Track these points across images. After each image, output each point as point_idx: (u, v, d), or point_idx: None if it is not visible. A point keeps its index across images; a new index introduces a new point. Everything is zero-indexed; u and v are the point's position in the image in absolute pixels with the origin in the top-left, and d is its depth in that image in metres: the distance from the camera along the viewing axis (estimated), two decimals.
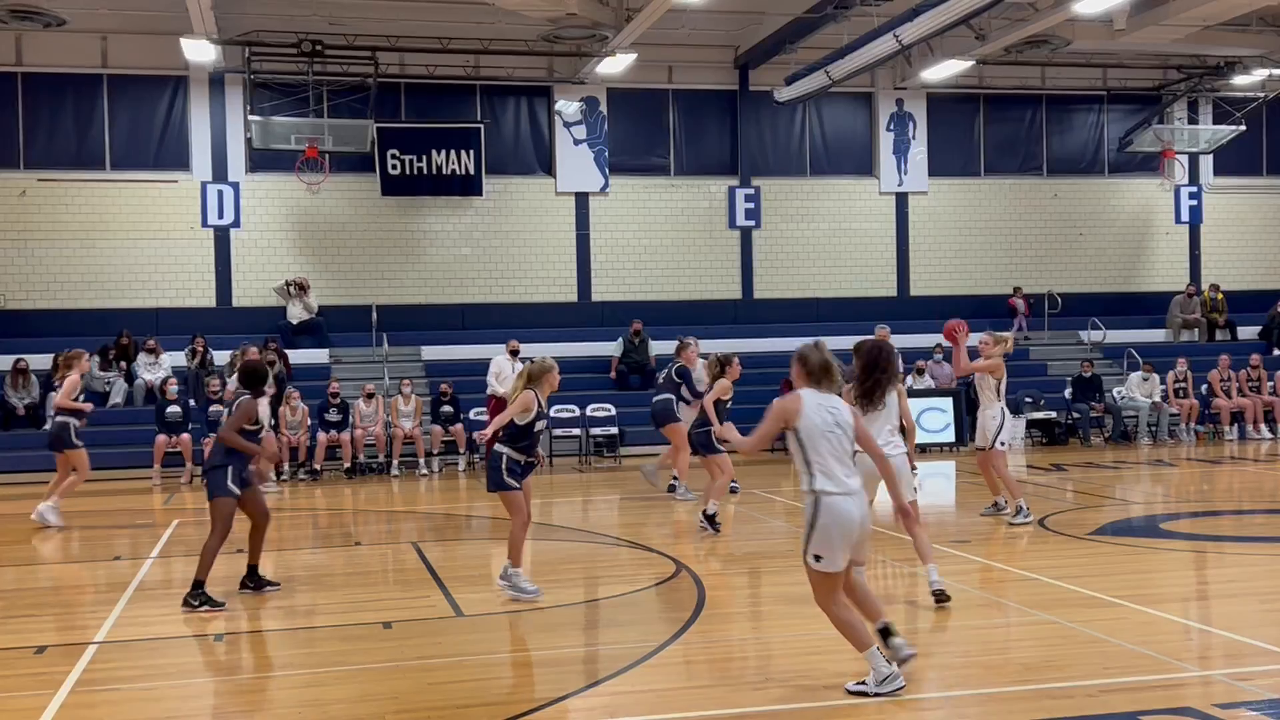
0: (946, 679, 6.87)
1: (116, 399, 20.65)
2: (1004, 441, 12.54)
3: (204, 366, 20.67)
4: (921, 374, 22.06)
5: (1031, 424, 22.11)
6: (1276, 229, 28.14)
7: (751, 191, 25.50)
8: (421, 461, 19.47)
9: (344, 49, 22.20)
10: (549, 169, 24.84)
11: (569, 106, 24.71)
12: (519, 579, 9.05)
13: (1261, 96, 26.73)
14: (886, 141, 26.17)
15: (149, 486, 18.20)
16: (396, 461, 19.49)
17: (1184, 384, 22.32)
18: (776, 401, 6.49)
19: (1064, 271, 26.94)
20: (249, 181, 23.42)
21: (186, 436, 18.73)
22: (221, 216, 23.21)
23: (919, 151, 26.29)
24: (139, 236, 22.94)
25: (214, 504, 9.19)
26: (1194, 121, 27.40)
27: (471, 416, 20.50)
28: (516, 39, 22.86)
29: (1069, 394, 22.31)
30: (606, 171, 24.86)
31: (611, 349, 22.90)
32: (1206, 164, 27.82)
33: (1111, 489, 16.04)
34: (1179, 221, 27.69)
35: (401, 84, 23.93)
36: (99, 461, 19.13)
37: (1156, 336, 26.02)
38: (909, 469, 8.60)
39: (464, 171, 23.98)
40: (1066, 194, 27.16)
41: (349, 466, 19.18)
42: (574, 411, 20.73)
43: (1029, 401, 22.08)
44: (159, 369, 20.86)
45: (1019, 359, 24.82)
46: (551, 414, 17.29)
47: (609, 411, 20.97)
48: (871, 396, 8.00)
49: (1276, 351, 25.08)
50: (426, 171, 23.85)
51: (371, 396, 19.57)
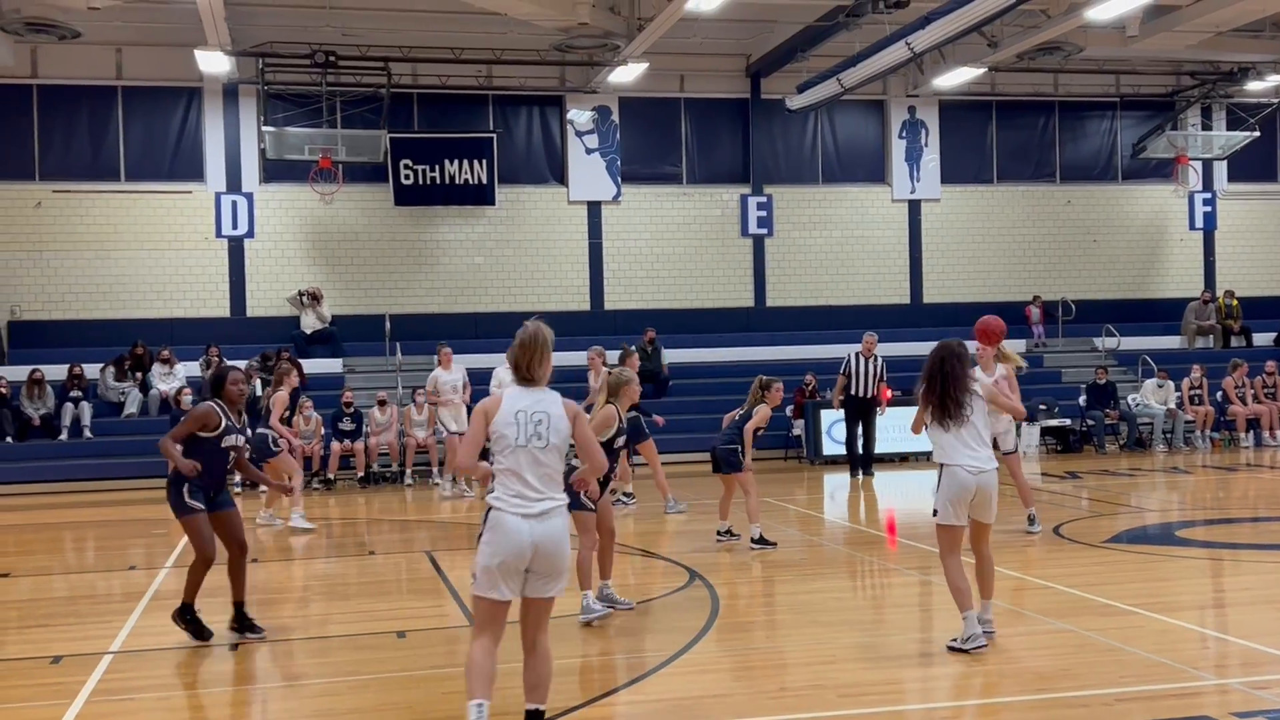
0: (961, 687, 6.84)
1: (131, 409, 20.71)
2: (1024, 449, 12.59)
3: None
4: None
5: (1046, 431, 22.03)
6: None
7: (764, 200, 25.51)
8: (435, 470, 19.47)
9: (357, 60, 22.30)
10: (561, 178, 24.88)
11: (581, 116, 24.75)
12: (589, 601, 8.46)
13: (1275, 102, 26.67)
14: (899, 149, 26.15)
15: (163, 496, 18.21)
16: (410, 471, 19.51)
17: (1199, 390, 22.22)
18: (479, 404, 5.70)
19: (1078, 278, 26.87)
20: (263, 192, 23.51)
21: None
22: (235, 227, 23.31)
23: (931, 159, 26.27)
24: (153, 247, 23.04)
25: (180, 524, 8.31)
26: (1208, 127, 27.33)
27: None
28: (528, 49, 22.92)
29: (1083, 401, 22.23)
30: (619, 180, 24.90)
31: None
32: (1220, 170, 27.75)
33: (1126, 496, 15.98)
34: (1193, 228, 27.62)
35: (414, 94, 24.01)
36: (113, 471, 19.30)
37: (1171, 343, 25.92)
38: (995, 485, 7.61)
39: (477, 181, 24.04)
40: (1080, 200, 27.11)
41: (362, 475, 19.21)
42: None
43: (1043, 409, 22.01)
44: (173, 379, 20.93)
45: (1033, 366, 24.80)
46: None
47: None
48: (946, 409, 7.51)
49: None
50: (439, 181, 23.92)
51: (385, 405, 19.61)
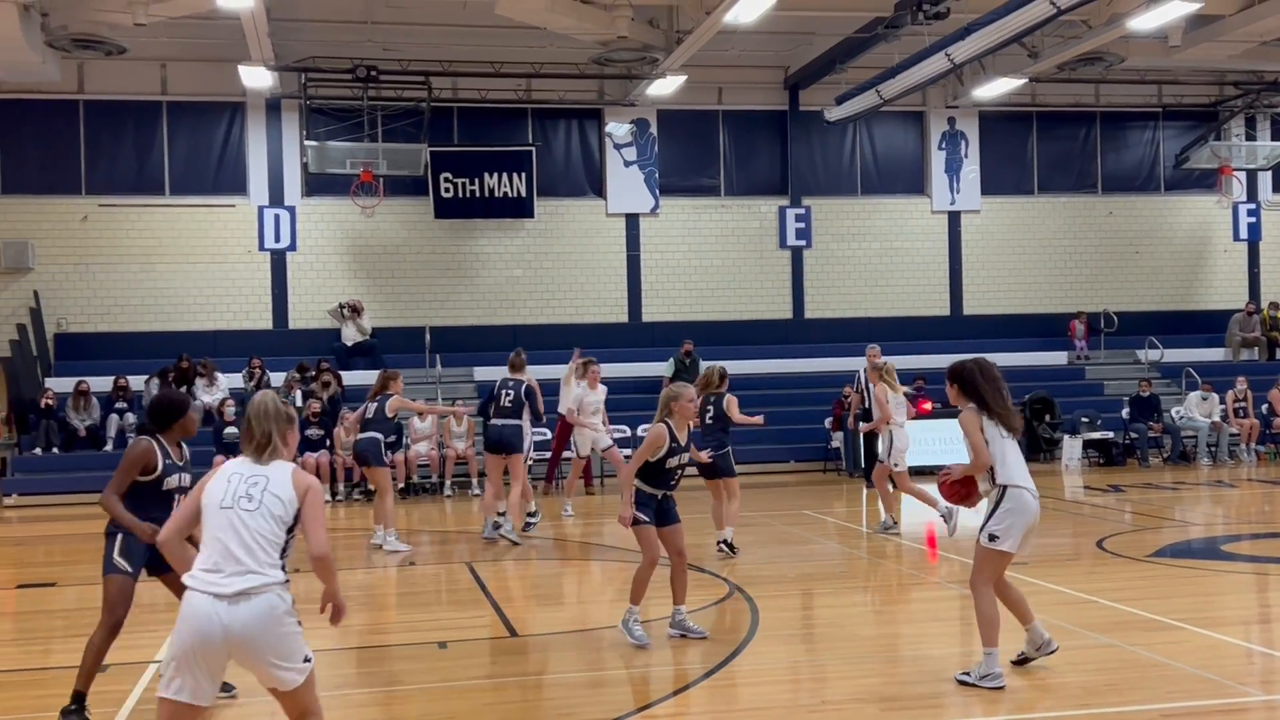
0: (1006, 702, 6.79)
1: None
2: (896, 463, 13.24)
3: (260, 388, 20.92)
4: None
5: (1088, 444, 21.85)
6: None
7: (802, 211, 25.47)
8: (474, 482, 19.55)
9: (398, 74, 22.48)
10: (600, 191, 24.96)
11: (619, 128, 24.82)
12: (631, 619, 8.19)
13: None
14: (938, 160, 26.05)
15: None
16: (449, 482, 19.60)
17: (1244, 403, 21.97)
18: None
19: (1120, 290, 26.64)
20: (305, 205, 23.73)
21: None
22: (278, 240, 23.53)
23: (971, 170, 26.15)
24: (197, 260, 23.30)
25: (104, 582, 6.73)
26: (1251, 138, 27.06)
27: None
28: (567, 62, 23.02)
29: (1126, 414, 22.03)
30: (657, 192, 24.94)
31: (662, 369, 22.90)
32: (1265, 180, 27.45)
33: (1171, 510, 15.81)
34: (1237, 239, 27.33)
35: (454, 108, 24.17)
36: None
37: (1215, 355, 25.65)
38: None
39: (516, 194, 24.15)
40: (1122, 212, 26.89)
41: (402, 487, 19.31)
42: (625, 431, 20.71)
43: (1085, 421, 21.84)
44: (217, 391, 21.13)
45: (1075, 378, 24.64)
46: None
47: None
48: (1007, 419, 7.11)
49: None
50: (479, 194, 24.05)
51: (424, 416, 19.70)
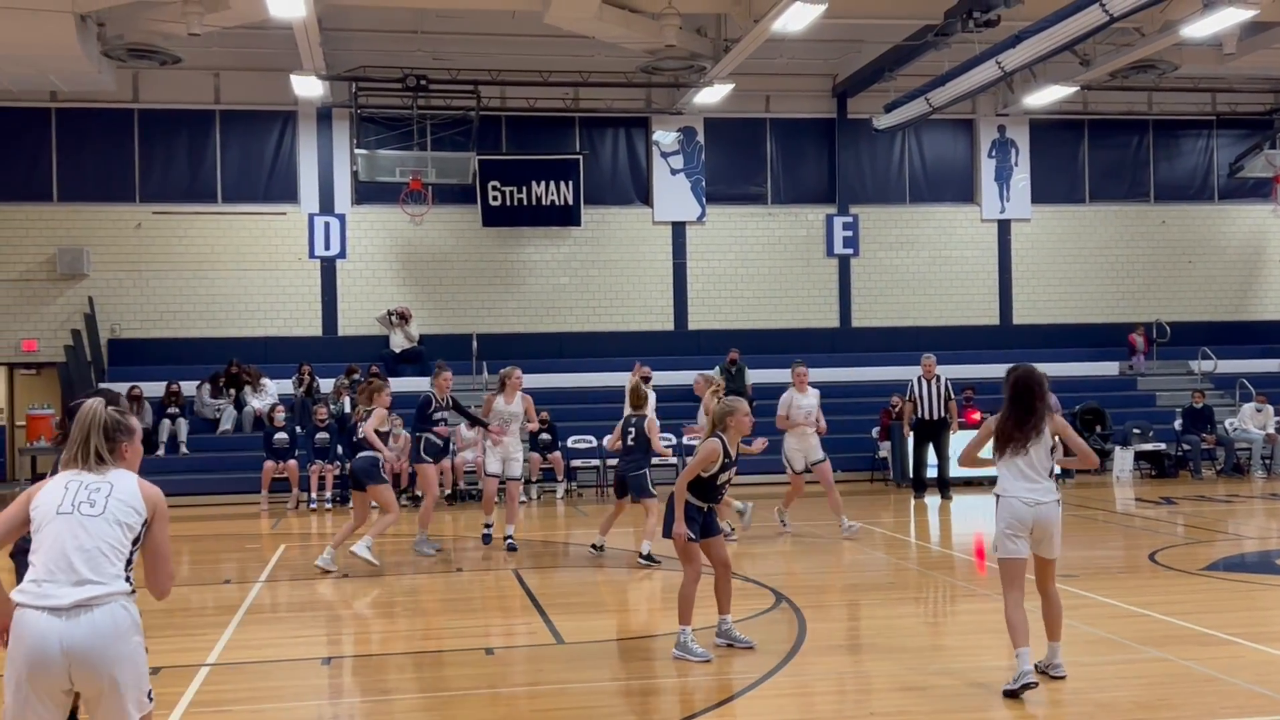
0: (1055, 716, 6.72)
1: (226, 426, 21.17)
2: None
3: (310, 394, 21.12)
4: None
5: (1140, 456, 21.59)
6: None
7: (850, 219, 25.37)
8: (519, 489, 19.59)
9: (447, 83, 22.63)
10: (646, 199, 24.99)
11: (666, 137, 24.86)
12: (687, 638, 8.02)
13: None
14: (988, 168, 25.87)
15: (257, 511, 18.61)
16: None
17: None
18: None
19: (1173, 300, 26.31)
20: (355, 213, 23.93)
21: (293, 463, 19.15)
22: (328, 248, 23.74)
23: (1022, 178, 25.94)
24: (248, 267, 23.55)
25: None
26: None
27: (569, 444, 20.70)
28: (615, 71, 23.08)
29: (1179, 425, 21.75)
30: (703, 201, 24.94)
31: None
32: None
33: (1224, 523, 15.58)
34: None
35: (503, 117, 24.31)
36: (208, 487, 19.73)
37: (1270, 366, 25.25)
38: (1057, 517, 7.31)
39: (563, 202, 24.23)
40: (1175, 221, 26.56)
41: (450, 493, 19.39)
42: (670, 440, 20.70)
43: (1137, 433, 21.58)
44: (267, 396, 21.34)
45: (1127, 389, 24.36)
46: None
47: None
48: (1011, 436, 7.21)
49: None
50: (526, 202, 24.16)
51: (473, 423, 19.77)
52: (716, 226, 25.05)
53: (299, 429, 20.00)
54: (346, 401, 20.60)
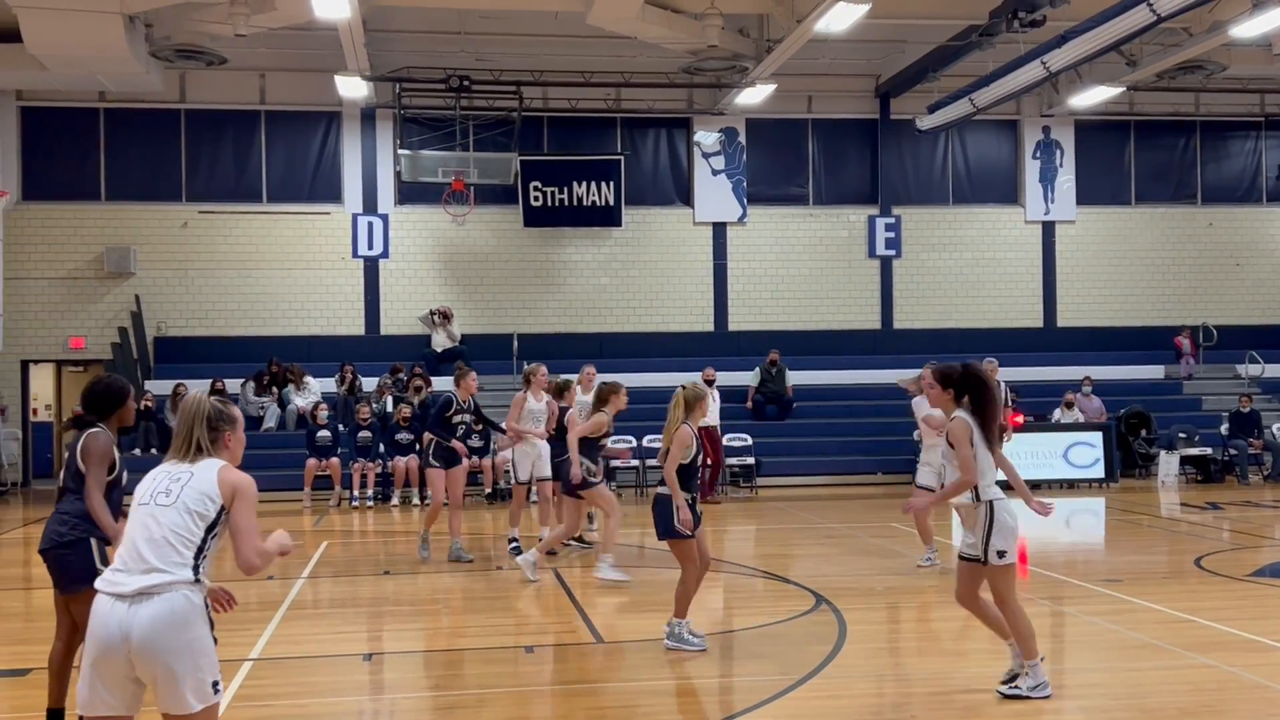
0: None
1: (269, 423, 21.36)
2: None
3: (353, 392, 21.27)
4: (1070, 407, 21.50)
5: (1186, 460, 21.35)
6: None
7: (892, 220, 25.25)
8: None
9: (490, 84, 22.72)
10: (687, 199, 24.98)
11: (708, 137, 24.84)
12: (684, 630, 8.25)
13: None
14: (1032, 169, 25.67)
15: (300, 509, 18.75)
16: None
17: None
18: None
19: (1220, 303, 26.00)
20: (397, 213, 24.08)
21: (336, 460, 19.29)
22: (371, 247, 23.90)
23: (1066, 180, 25.72)
24: (292, 266, 23.75)
25: (87, 596, 4.84)
26: None
27: (609, 444, 20.64)
28: (657, 71, 23.09)
29: (1225, 430, 21.48)
30: (744, 201, 24.90)
31: (748, 379, 22.85)
32: None
33: (1271, 529, 15.38)
34: None
35: (544, 117, 24.38)
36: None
37: None
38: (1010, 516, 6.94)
39: (604, 203, 24.26)
40: (1222, 223, 26.24)
41: (489, 492, 19.47)
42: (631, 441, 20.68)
43: (1183, 437, 21.35)
44: (310, 395, 21.51)
45: (1173, 393, 24.09)
46: None
47: (745, 441, 20.90)
48: (993, 430, 6.92)
49: None
50: (567, 203, 24.20)
51: None
52: (757, 227, 25.01)
53: (341, 427, 20.14)
54: (389, 400, 20.74)
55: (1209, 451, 21.36)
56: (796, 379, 22.97)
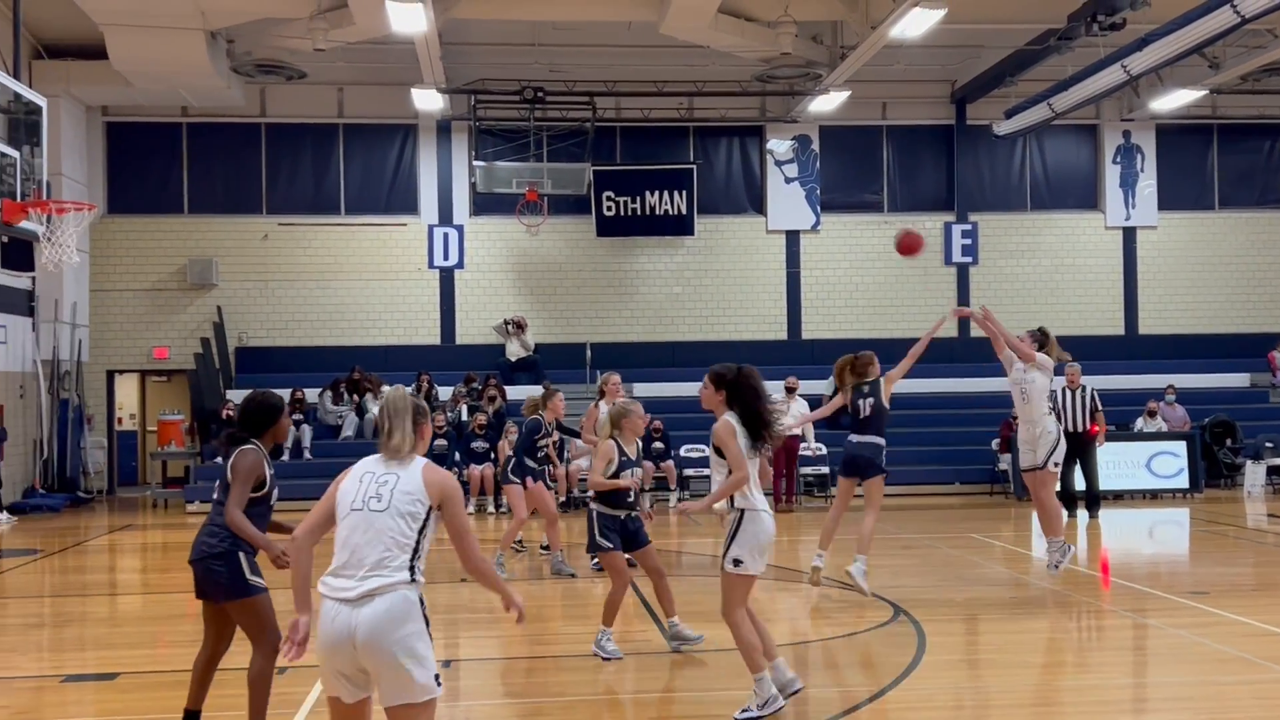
0: None
1: (348, 432, 21.63)
2: (1056, 462, 11.03)
3: (429, 401, 21.48)
4: (1153, 415, 21.09)
5: (1272, 470, 20.86)
6: None
7: (968, 227, 24.97)
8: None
9: (564, 95, 22.86)
10: (760, 208, 24.92)
11: (781, 145, 24.76)
12: (605, 638, 8.46)
13: None
14: (1113, 174, 25.25)
15: None
16: None
17: None
18: None
19: None
20: (472, 224, 24.30)
21: None
22: (446, 258, 24.14)
23: (1148, 184, 25.26)
24: (370, 277, 24.06)
25: (242, 606, 6.25)
26: None
27: (682, 453, 20.72)
28: (730, 80, 23.08)
29: None
30: (818, 209, 24.78)
31: (822, 387, 22.67)
32: None
33: None
34: None
35: (617, 127, 24.47)
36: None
37: None
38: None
39: (676, 211, 24.29)
40: None
41: (563, 500, 19.53)
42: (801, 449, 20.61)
43: (1269, 446, 20.87)
44: None
45: (1259, 402, 23.54)
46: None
47: (820, 451, 20.77)
48: (760, 434, 6.73)
49: None
50: (640, 212, 24.27)
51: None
52: (831, 235, 24.87)
53: None
54: (463, 409, 20.91)
55: None
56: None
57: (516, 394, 22.35)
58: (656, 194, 24.26)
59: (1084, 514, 17.08)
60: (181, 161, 23.84)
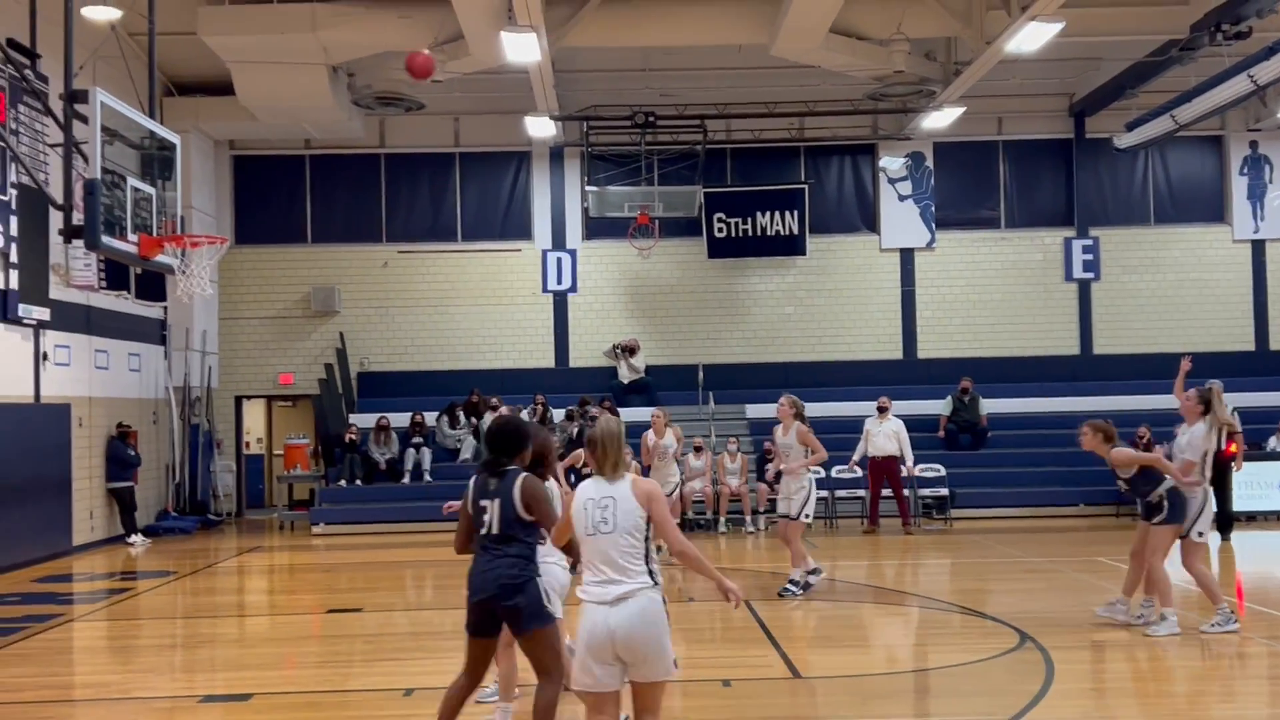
0: None
1: (466, 454, 21.95)
2: (1200, 532, 10.49)
3: (545, 423, 21.70)
4: None
5: None
6: None
7: (1089, 242, 24.44)
8: (748, 520, 19.63)
9: (674, 118, 22.98)
10: (873, 226, 24.71)
11: (894, 163, 24.55)
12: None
13: None
14: (1240, 186, 24.50)
15: None
16: (724, 518, 19.72)
17: None
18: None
19: None
20: (585, 248, 24.53)
21: None
22: (560, 282, 24.40)
23: (1277, 196, 24.46)
24: (486, 302, 24.42)
25: (543, 635, 6.28)
26: None
27: None
28: (841, 99, 22.97)
29: None
30: (932, 226, 24.48)
31: (939, 407, 22.40)
32: None
33: None
34: None
35: (728, 149, 24.50)
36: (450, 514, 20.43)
37: None
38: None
39: (788, 232, 24.21)
40: None
41: (678, 522, 19.54)
42: (901, 470, 20.34)
43: None
44: None
45: None
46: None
47: (938, 472, 20.46)
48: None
49: None
50: (751, 233, 24.24)
51: (700, 451, 19.93)
52: (947, 252, 24.55)
53: None
54: (575, 430, 21.06)
55: None
56: (991, 407, 22.41)
57: (629, 415, 22.46)
58: (768, 214, 24.22)
59: (1216, 536, 16.53)
60: (305, 192, 24.52)
